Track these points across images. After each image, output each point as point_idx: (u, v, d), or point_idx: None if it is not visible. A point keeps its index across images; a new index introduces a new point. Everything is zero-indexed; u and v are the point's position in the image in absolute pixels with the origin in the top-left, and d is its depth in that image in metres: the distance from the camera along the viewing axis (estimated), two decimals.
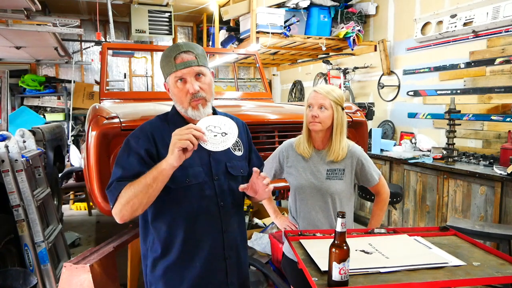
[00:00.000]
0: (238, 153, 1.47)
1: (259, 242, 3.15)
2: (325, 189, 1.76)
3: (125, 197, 1.22)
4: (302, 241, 1.51)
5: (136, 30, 6.37)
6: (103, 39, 6.60)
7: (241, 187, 1.35)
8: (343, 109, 1.78)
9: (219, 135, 1.23)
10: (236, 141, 1.46)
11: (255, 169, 1.32)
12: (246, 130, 1.58)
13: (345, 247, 1.14)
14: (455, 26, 4.06)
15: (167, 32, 6.62)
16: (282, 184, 2.34)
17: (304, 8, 5.16)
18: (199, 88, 1.31)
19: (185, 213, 1.34)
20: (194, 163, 1.35)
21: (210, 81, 1.37)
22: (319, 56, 6.44)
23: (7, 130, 3.14)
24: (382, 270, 1.23)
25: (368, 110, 4.81)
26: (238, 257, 1.45)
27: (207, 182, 1.36)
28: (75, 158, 5.82)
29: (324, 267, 1.21)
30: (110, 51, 5.66)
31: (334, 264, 1.13)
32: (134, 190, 1.21)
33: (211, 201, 1.37)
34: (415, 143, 4.55)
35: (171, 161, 1.16)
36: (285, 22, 4.91)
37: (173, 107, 1.44)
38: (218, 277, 1.39)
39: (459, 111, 3.62)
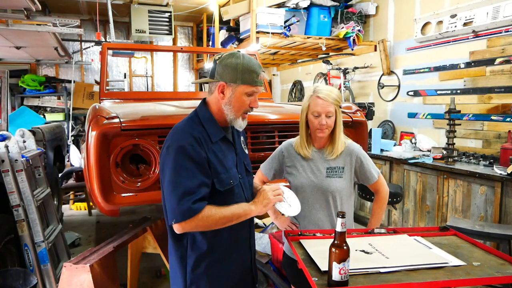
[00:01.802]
0: (246, 151, 1.65)
1: (259, 242, 3.15)
2: (325, 187, 1.77)
3: (204, 224, 1.33)
4: (302, 241, 1.51)
5: (136, 30, 6.37)
6: (103, 39, 6.60)
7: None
8: (340, 107, 1.81)
9: (286, 203, 1.51)
10: (242, 140, 1.64)
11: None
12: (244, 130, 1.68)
13: (345, 247, 1.14)
14: (455, 26, 4.06)
15: (167, 32, 6.62)
16: (282, 184, 2.34)
17: (304, 8, 5.16)
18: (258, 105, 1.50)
19: None
20: (232, 165, 1.50)
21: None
22: (319, 56, 6.44)
23: (7, 130, 3.14)
24: (382, 270, 1.23)
25: (368, 110, 4.81)
26: (254, 245, 1.66)
27: (238, 181, 1.51)
28: (75, 158, 5.82)
29: (324, 267, 1.21)
30: (110, 51, 5.66)
31: (334, 264, 1.13)
32: (217, 222, 1.34)
33: (242, 197, 1.50)
34: (415, 143, 4.55)
35: (262, 212, 1.40)
36: (285, 22, 4.91)
37: (204, 109, 1.48)
38: (247, 265, 1.58)
39: (459, 111, 3.62)
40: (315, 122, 1.76)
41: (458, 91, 4.14)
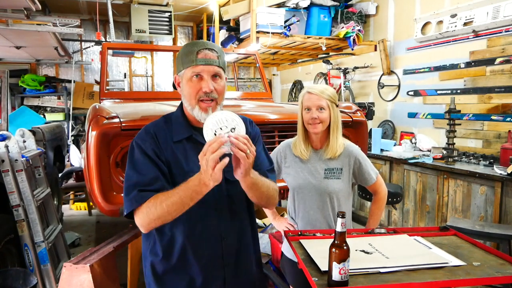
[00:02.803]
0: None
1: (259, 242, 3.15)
2: (323, 188, 1.77)
3: (157, 213, 1.20)
4: (302, 241, 1.51)
5: (136, 30, 6.37)
6: (103, 39, 6.59)
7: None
8: (337, 106, 1.80)
9: (229, 133, 1.19)
10: None
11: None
12: (252, 126, 1.52)
13: (345, 247, 1.14)
14: (455, 26, 4.06)
15: (167, 32, 6.62)
16: (282, 184, 2.34)
17: (304, 8, 5.16)
18: (213, 88, 1.28)
19: (185, 219, 1.29)
20: (195, 167, 1.26)
21: (224, 85, 1.34)
22: (319, 56, 6.43)
23: (7, 130, 3.14)
24: (382, 270, 1.23)
25: (368, 110, 4.81)
26: (238, 265, 1.40)
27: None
28: (75, 158, 5.82)
29: (324, 267, 1.21)
30: (110, 51, 5.65)
31: (334, 264, 1.13)
32: (168, 208, 1.19)
33: (210, 207, 1.33)
34: (415, 143, 4.55)
35: (211, 183, 1.13)
36: (285, 22, 4.91)
37: (179, 108, 1.41)
38: (216, 285, 1.37)
39: (459, 111, 3.62)
40: (306, 117, 1.75)
41: (458, 91, 4.14)
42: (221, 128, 1.19)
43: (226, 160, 1.11)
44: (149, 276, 1.39)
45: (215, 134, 1.18)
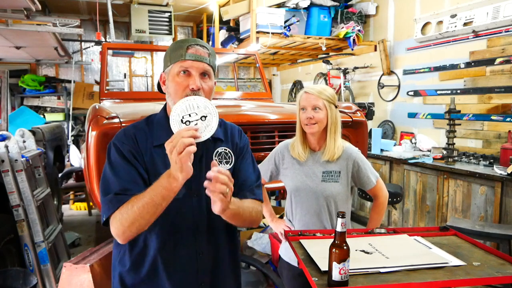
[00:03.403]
0: (224, 166, 1.29)
1: (259, 242, 3.15)
2: (321, 191, 1.73)
3: (130, 218, 1.09)
4: (302, 241, 1.50)
5: (136, 30, 6.37)
6: (103, 39, 6.60)
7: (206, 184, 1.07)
8: (336, 107, 1.75)
9: (199, 121, 1.08)
10: (224, 150, 1.30)
11: (213, 162, 1.08)
12: (240, 136, 1.39)
13: (345, 247, 1.14)
14: (455, 26, 4.06)
15: (167, 32, 6.62)
16: (281, 184, 2.34)
17: (304, 8, 5.16)
18: (200, 86, 1.19)
19: (159, 230, 1.21)
20: None
21: (212, 86, 1.25)
22: (319, 56, 6.43)
23: (7, 130, 3.14)
24: (382, 270, 1.23)
25: (368, 110, 4.80)
26: (214, 284, 1.30)
27: (186, 199, 1.22)
28: (75, 158, 5.82)
29: (324, 267, 1.21)
30: (110, 51, 5.66)
31: (334, 264, 1.13)
32: (140, 211, 1.08)
33: (187, 220, 1.23)
34: (415, 143, 4.55)
35: (181, 176, 1.03)
36: (285, 22, 4.91)
37: (162, 109, 1.33)
38: None
39: (459, 111, 3.62)
40: (302, 117, 1.72)
41: (458, 91, 4.14)
42: (189, 115, 1.08)
43: (193, 148, 1.01)
44: (116, 286, 1.30)
45: (181, 120, 1.08)
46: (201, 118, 1.08)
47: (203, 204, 1.24)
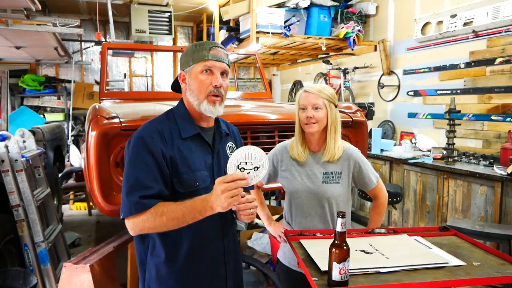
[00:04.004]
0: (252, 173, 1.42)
1: (259, 242, 3.15)
2: (322, 193, 1.70)
3: (154, 223, 1.21)
4: (302, 241, 1.51)
5: (136, 30, 6.37)
6: (103, 39, 6.60)
7: None
8: (336, 106, 1.72)
9: (251, 171, 1.22)
10: (231, 145, 1.48)
11: (242, 194, 1.23)
12: (238, 136, 1.58)
13: (345, 247, 1.14)
14: (455, 26, 4.06)
15: (167, 32, 6.62)
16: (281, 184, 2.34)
17: (304, 8, 5.16)
18: (222, 83, 1.33)
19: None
20: (201, 166, 1.34)
21: (229, 83, 1.39)
22: (319, 56, 6.44)
23: (7, 130, 3.14)
24: (382, 270, 1.23)
25: (368, 110, 4.80)
26: (235, 262, 1.48)
27: (211, 187, 1.30)
28: (75, 158, 5.82)
29: (324, 267, 1.21)
30: (110, 51, 5.65)
31: (334, 264, 1.13)
32: (168, 222, 1.20)
33: None
34: (415, 143, 4.55)
35: (218, 210, 1.17)
36: (285, 22, 4.91)
37: (180, 105, 1.41)
38: (219, 282, 1.41)
39: (459, 111, 3.62)
40: (302, 116, 1.69)
41: (458, 91, 4.14)
42: (246, 163, 1.21)
43: (239, 197, 1.17)
44: (152, 278, 1.35)
45: (237, 166, 1.21)
46: (254, 168, 1.22)
47: None
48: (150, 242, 1.35)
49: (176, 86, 1.46)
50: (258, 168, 1.22)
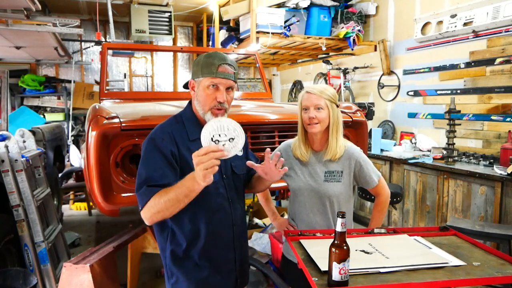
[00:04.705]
0: (240, 153, 1.53)
1: (259, 242, 3.15)
2: (323, 191, 1.74)
3: (156, 208, 1.32)
4: (302, 241, 1.51)
5: (136, 30, 6.37)
6: (103, 39, 6.61)
7: (250, 163, 1.45)
8: (337, 106, 1.76)
9: (227, 142, 1.23)
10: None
11: (267, 150, 1.42)
12: None
13: (345, 247, 1.14)
14: (455, 26, 4.06)
15: (167, 32, 6.62)
16: (281, 184, 2.34)
17: (304, 8, 5.16)
18: (226, 99, 1.45)
19: (205, 209, 1.46)
20: None
21: (233, 96, 1.52)
22: (319, 56, 6.44)
23: (7, 130, 3.15)
24: (382, 270, 1.23)
25: (368, 110, 4.81)
26: (243, 247, 1.63)
27: (219, 181, 1.49)
28: (75, 158, 5.82)
29: (324, 267, 1.21)
30: (110, 51, 5.66)
31: (334, 264, 1.13)
32: (165, 204, 1.30)
33: (224, 197, 1.51)
34: (415, 143, 4.55)
35: (203, 184, 1.23)
36: (285, 22, 4.91)
37: (188, 109, 1.55)
38: (229, 265, 1.56)
39: (459, 111, 3.62)
40: (304, 117, 1.73)
41: (458, 91, 4.14)
42: (219, 135, 1.22)
43: (217, 167, 1.20)
44: (170, 264, 1.50)
45: (211, 139, 1.22)
46: (229, 140, 1.23)
47: (231, 182, 1.55)
48: (169, 232, 1.49)
49: (187, 85, 1.60)
50: (233, 139, 1.23)
